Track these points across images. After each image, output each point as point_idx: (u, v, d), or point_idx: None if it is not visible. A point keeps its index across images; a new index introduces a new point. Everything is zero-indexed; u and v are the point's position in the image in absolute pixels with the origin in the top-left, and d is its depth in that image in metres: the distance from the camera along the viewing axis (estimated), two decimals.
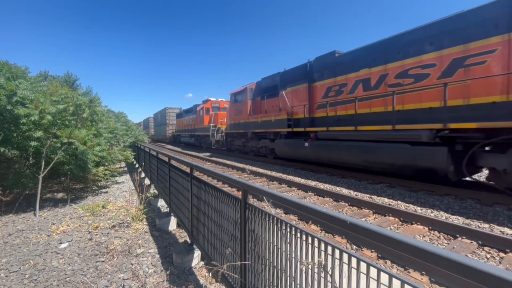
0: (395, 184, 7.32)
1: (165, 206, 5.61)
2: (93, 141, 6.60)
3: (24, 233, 4.43)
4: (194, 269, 3.21)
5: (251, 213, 1.94)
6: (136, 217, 4.91)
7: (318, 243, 1.30)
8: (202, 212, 3.04)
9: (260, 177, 8.84)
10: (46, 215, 5.42)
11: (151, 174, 7.36)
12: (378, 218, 4.81)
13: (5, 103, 4.87)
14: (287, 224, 1.55)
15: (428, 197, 6.09)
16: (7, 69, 5.33)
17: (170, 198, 4.82)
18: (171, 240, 4.11)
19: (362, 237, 1.03)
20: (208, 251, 2.88)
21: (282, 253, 1.59)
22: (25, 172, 5.99)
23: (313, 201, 6.07)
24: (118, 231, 4.45)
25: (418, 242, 0.86)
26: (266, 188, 1.78)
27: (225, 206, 2.38)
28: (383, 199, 5.98)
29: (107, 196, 7.17)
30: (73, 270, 3.19)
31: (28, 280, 2.99)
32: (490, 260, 3.28)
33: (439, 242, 3.82)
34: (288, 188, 7.29)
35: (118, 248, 3.75)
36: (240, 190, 2.02)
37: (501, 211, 4.96)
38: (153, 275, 3.08)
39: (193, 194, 3.33)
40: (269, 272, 1.74)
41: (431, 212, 5.05)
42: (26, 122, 5.02)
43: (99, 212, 5.50)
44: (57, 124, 5.60)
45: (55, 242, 4.04)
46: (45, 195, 6.91)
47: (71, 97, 5.47)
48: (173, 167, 4.56)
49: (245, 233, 2.00)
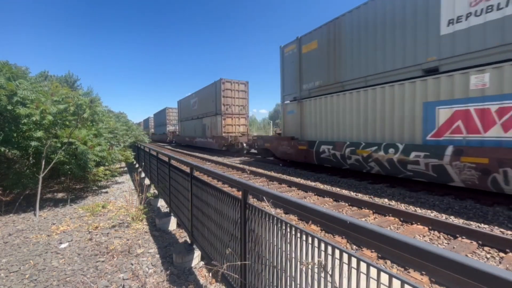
0: (395, 184, 7.32)
1: (165, 206, 5.61)
2: (94, 141, 6.60)
3: (24, 233, 4.43)
4: (194, 269, 3.21)
5: (251, 213, 1.94)
6: (136, 217, 4.91)
7: (318, 243, 1.30)
8: (202, 212, 3.04)
9: (260, 177, 8.84)
10: (46, 215, 5.42)
11: (151, 174, 7.37)
12: (378, 218, 4.81)
13: (5, 103, 4.87)
14: (287, 224, 1.55)
15: (428, 197, 6.09)
16: (7, 69, 5.33)
17: (170, 198, 4.82)
18: (171, 240, 4.11)
19: (362, 237, 1.03)
20: (208, 251, 2.88)
21: (282, 253, 1.59)
22: (25, 172, 5.99)
23: (313, 201, 6.07)
24: (118, 231, 4.45)
25: (418, 242, 0.86)
26: (266, 188, 1.78)
27: (225, 206, 2.38)
28: (383, 199, 5.99)
29: (107, 196, 7.17)
30: (73, 270, 3.19)
31: (28, 280, 2.99)
32: (490, 260, 3.28)
33: (439, 242, 3.82)
34: (288, 188, 7.29)
35: (118, 248, 3.75)
36: (240, 190, 2.02)
37: (501, 211, 4.96)
38: (153, 275, 3.08)
39: (193, 194, 3.33)
40: (269, 272, 1.74)
41: (431, 212, 5.05)
42: (27, 122, 5.03)
43: (99, 212, 5.50)
44: (58, 124, 5.61)
45: (55, 242, 4.04)
46: (45, 195, 6.91)
47: (72, 97, 5.48)
48: (173, 167, 4.56)
49: (245, 233, 2.00)
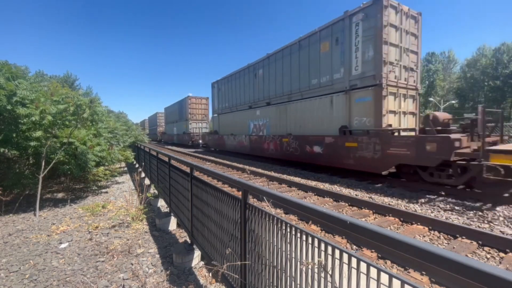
0: (395, 184, 7.32)
1: (165, 206, 5.61)
2: (93, 141, 6.60)
3: (24, 233, 4.43)
4: (194, 269, 3.21)
5: (251, 213, 1.94)
6: (136, 217, 4.91)
7: (318, 243, 1.30)
8: (202, 212, 3.04)
9: (260, 177, 8.84)
10: (46, 215, 5.41)
11: (151, 174, 7.36)
12: (378, 218, 4.81)
13: (5, 103, 4.87)
14: (287, 224, 1.55)
15: (428, 197, 6.09)
16: (6, 69, 5.33)
17: (170, 198, 4.82)
18: (171, 240, 4.11)
19: (362, 237, 1.03)
20: (208, 251, 2.88)
21: (282, 253, 1.59)
22: (25, 172, 5.99)
23: (313, 201, 6.07)
24: (118, 231, 4.45)
25: (418, 242, 0.86)
26: (266, 188, 1.78)
27: (225, 206, 2.38)
28: (383, 199, 5.98)
29: (107, 196, 7.17)
30: (73, 270, 3.19)
31: (28, 280, 2.99)
32: (490, 260, 3.28)
33: (439, 242, 3.82)
34: (288, 188, 7.29)
35: (118, 248, 3.75)
36: (240, 190, 2.02)
37: (501, 211, 4.96)
38: (153, 275, 3.07)
39: (193, 194, 3.33)
40: (269, 272, 1.74)
41: (431, 212, 5.05)
42: (26, 122, 5.02)
43: (99, 212, 5.49)
44: (57, 124, 5.60)
45: (55, 242, 4.03)
46: (45, 195, 6.90)
47: (72, 97, 5.47)
48: (173, 167, 4.56)
49: (245, 233, 2.00)
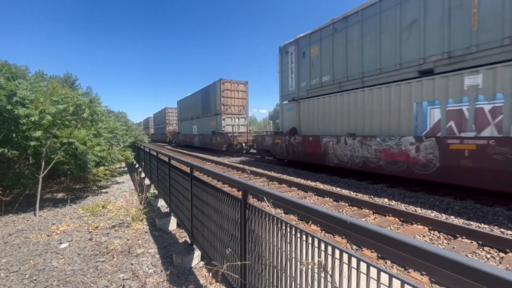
0: (395, 184, 7.32)
1: (165, 206, 5.61)
2: (93, 141, 6.60)
3: (24, 233, 4.43)
4: (194, 269, 3.21)
5: (251, 213, 1.94)
6: (136, 217, 4.91)
7: (318, 243, 1.30)
8: (202, 212, 3.04)
9: (260, 177, 8.84)
10: (46, 215, 5.41)
11: (151, 174, 7.36)
12: (378, 218, 4.81)
13: (5, 103, 4.87)
14: (287, 224, 1.55)
15: (428, 197, 6.09)
16: (7, 69, 5.33)
17: (170, 198, 4.82)
18: (171, 240, 4.11)
19: (362, 237, 1.03)
20: (208, 251, 2.88)
21: (282, 253, 1.59)
22: (25, 172, 5.99)
23: (313, 201, 6.07)
24: (118, 231, 4.45)
25: (418, 242, 0.86)
26: (266, 188, 1.78)
27: (225, 206, 2.38)
28: (383, 199, 5.98)
29: (107, 196, 7.17)
30: (73, 270, 3.19)
31: (28, 280, 2.99)
32: (490, 260, 3.28)
33: (439, 242, 3.82)
34: (288, 188, 7.29)
35: (118, 248, 3.75)
36: (240, 190, 2.02)
37: (501, 211, 4.96)
38: (153, 275, 3.07)
39: (193, 194, 3.33)
40: (269, 272, 1.74)
41: (431, 212, 5.05)
42: (26, 122, 5.02)
43: (99, 212, 5.49)
44: (57, 124, 5.60)
45: (55, 242, 4.04)
46: (45, 195, 6.91)
47: (71, 97, 5.47)
48: (173, 167, 4.56)
49: (245, 233, 2.00)
